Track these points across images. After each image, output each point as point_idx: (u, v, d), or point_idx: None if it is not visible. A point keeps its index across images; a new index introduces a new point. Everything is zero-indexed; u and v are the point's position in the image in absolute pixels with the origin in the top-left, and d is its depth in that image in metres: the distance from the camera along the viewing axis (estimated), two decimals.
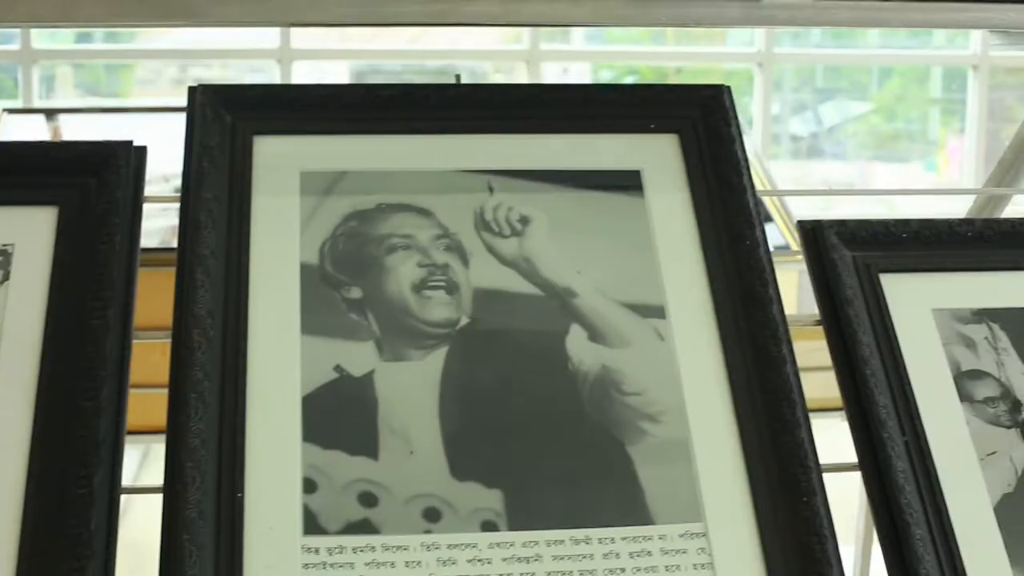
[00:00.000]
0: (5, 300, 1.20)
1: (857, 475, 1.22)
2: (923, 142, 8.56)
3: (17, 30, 5.48)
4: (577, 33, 6.23)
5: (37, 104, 5.57)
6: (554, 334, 1.23)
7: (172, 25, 1.46)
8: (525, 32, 5.78)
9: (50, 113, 4.89)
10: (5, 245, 1.23)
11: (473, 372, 1.20)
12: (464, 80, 1.42)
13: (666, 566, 1.12)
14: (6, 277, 1.22)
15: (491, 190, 1.30)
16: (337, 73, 7.59)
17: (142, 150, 1.29)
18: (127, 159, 1.27)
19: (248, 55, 6.69)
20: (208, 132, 1.29)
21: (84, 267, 1.21)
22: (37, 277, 1.21)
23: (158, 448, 1.19)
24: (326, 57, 7.00)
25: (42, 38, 5.63)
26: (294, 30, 5.56)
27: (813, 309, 1.31)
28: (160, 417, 1.14)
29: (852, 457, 1.22)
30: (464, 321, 1.22)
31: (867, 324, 1.27)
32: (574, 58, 7.04)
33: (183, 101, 1.32)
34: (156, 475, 1.15)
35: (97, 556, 1.07)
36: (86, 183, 1.26)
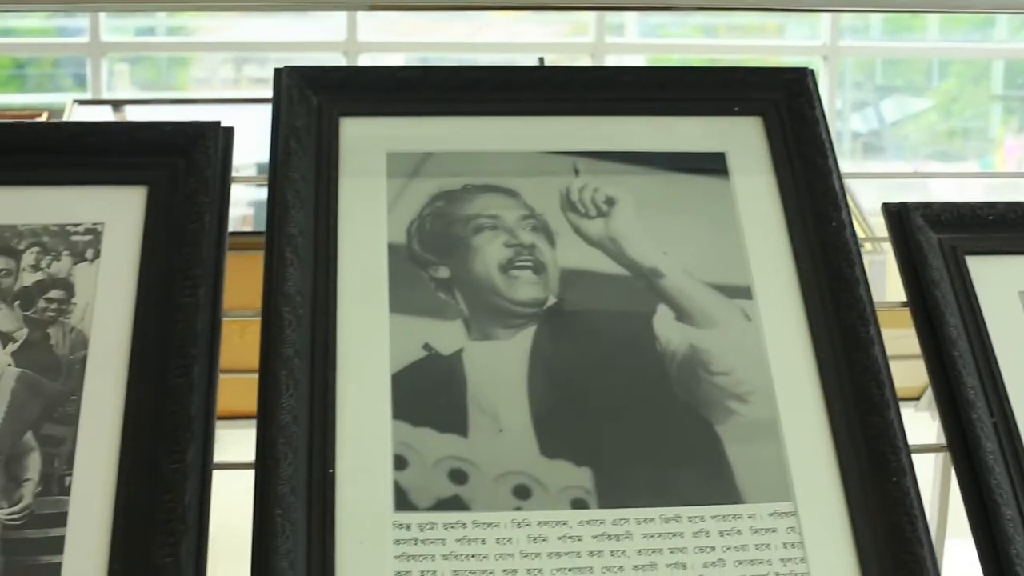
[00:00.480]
0: (96, 278, 1.21)
1: (928, 459, 1.21)
2: (981, 140, 8.50)
3: (87, 23, 5.53)
4: (631, 27, 6.22)
5: (105, 95, 5.61)
6: (641, 314, 1.23)
7: (251, 8, 1.47)
8: (591, 24, 5.77)
9: (117, 104, 4.92)
10: (95, 224, 1.24)
11: (561, 351, 1.20)
12: None
13: (756, 544, 1.12)
14: (96, 255, 1.23)
15: (576, 171, 1.31)
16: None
17: (229, 131, 1.30)
18: (215, 140, 1.28)
19: (315, 48, 6.70)
20: (295, 113, 1.29)
21: (174, 246, 1.21)
22: (127, 255, 1.22)
23: (225, 434, 1.20)
24: (391, 50, 7.00)
25: (110, 31, 5.66)
26: (360, 23, 5.58)
27: (882, 297, 1.30)
28: (233, 402, 1.14)
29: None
30: (551, 301, 1.23)
31: (954, 306, 1.26)
32: (635, 51, 7.02)
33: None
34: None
35: (190, 531, 1.08)
36: (174, 163, 1.27)
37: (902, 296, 1.29)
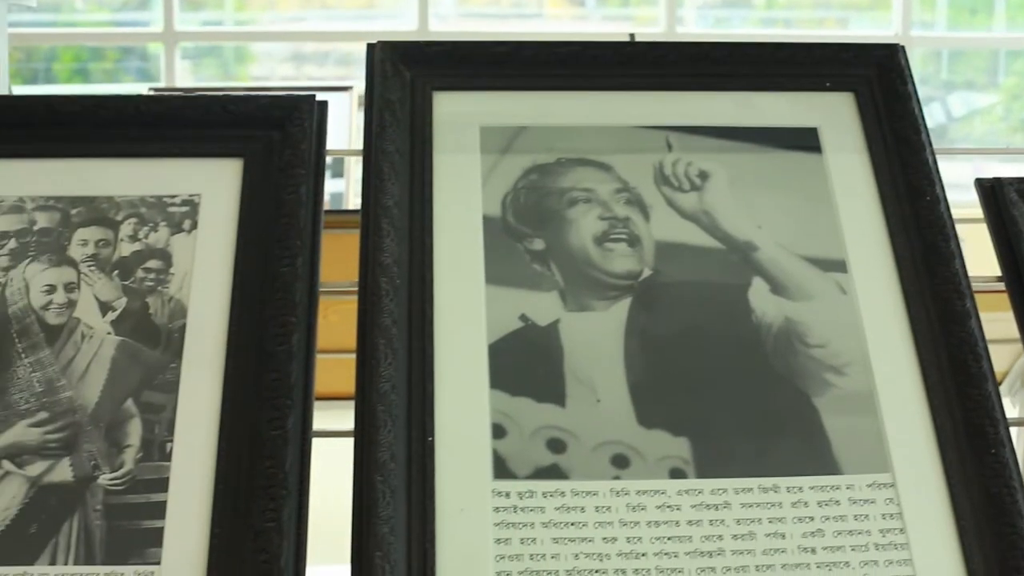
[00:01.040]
0: (193, 248, 1.22)
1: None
2: None
3: (150, 16, 5.55)
4: (690, 22, 6.20)
5: (179, 84, 5.64)
6: (736, 286, 1.22)
7: None
8: (661, 16, 5.76)
9: (190, 93, 4.93)
10: (192, 195, 1.25)
11: (657, 323, 1.20)
12: None
13: (855, 515, 1.11)
14: (194, 226, 1.23)
15: (669, 146, 1.31)
16: None
17: (324, 105, 1.31)
18: (310, 113, 1.29)
19: (384, 36, 6.69)
20: (389, 87, 1.30)
21: (270, 217, 1.22)
22: (223, 226, 1.23)
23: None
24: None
25: (184, 21, 5.69)
26: (432, 17, 5.58)
27: None
28: (318, 382, 1.15)
29: None
30: (647, 273, 1.23)
31: None
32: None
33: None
34: None
35: (291, 496, 1.08)
36: (270, 136, 1.27)
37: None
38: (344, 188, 3.96)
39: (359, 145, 1.31)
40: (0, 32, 1.67)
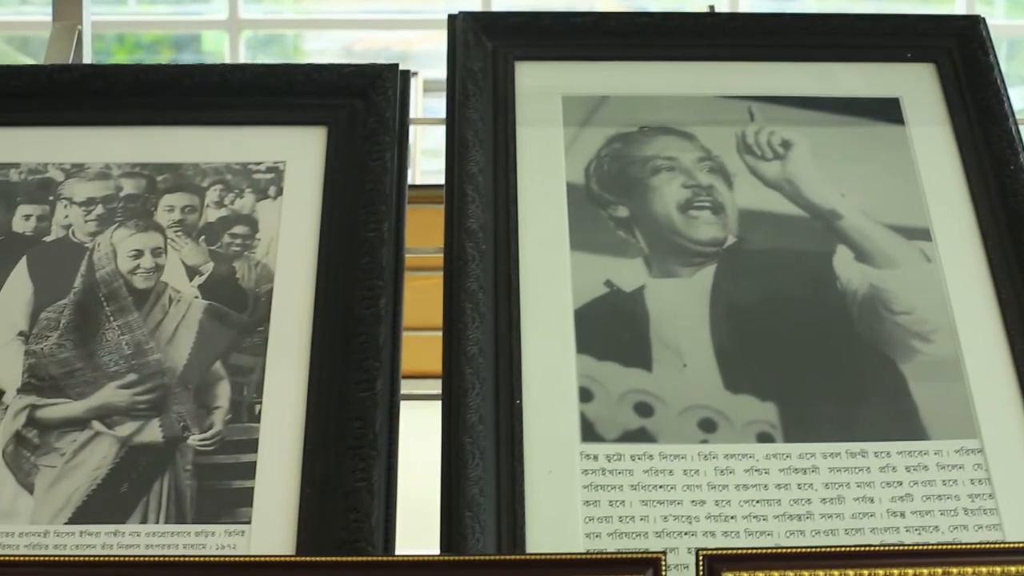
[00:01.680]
0: (279, 214, 1.23)
1: None
2: None
3: (220, 3, 5.57)
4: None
5: None
6: (821, 254, 1.22)
7: None
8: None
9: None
10: (276, 163, 1.26)
11: (741, 289, 1.20)
12: None
13: (943, 480, 1.11)
14: (279, 192, 1.24)
15: (751, 116, 1.31)
16: None
17: (406, 74, 1.31)
18: (393, 81, 1.29)
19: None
20: (471, 57, 1.30)
21: (356, 183, 1.23)
22: (309, 193, 1.24)
23: None
24: None
25: (248, 9, 5.69)
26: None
27: None
28: None
29: None
30: (731, 240, 1.23)
31: None
32: None
33: None
34: None
35: (381, 456, 1.09)
36: (353, 105, 1.28)
37: None
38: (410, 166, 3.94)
39: (426, 129, 1.32)
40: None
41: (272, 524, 1.06)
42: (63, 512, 1.08)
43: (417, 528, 1.20)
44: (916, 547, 1.00)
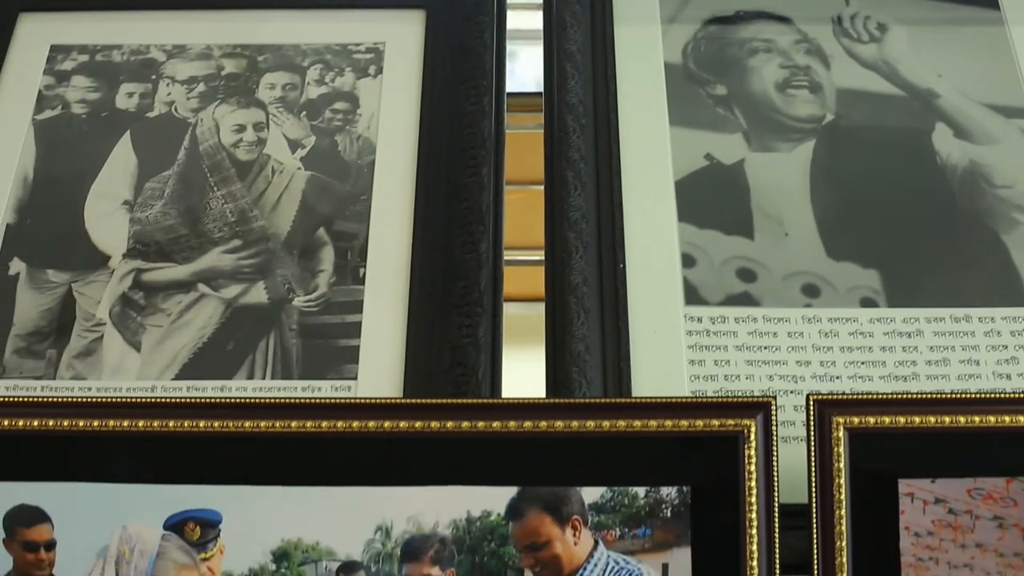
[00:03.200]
0: (380, 91, 1.24)
1: None
2: None
3: None
4: None
5: None
6: (920, 131, 1.23)
7: None
8: None
9: None
10: (376, 43, 1.27)
11: (841, 163, 1.20)
12: None
13: None
14: (379, 71, 1.25)
15: (847, 0, 1.31)
16: None
17: None
18: None
19: None
20: None
21: (456, 60, 1.24)
22: (408, 71, 1.25)
23: None
24: None
25: None
26: None
27: None
28: None
29: None
30: (829, 118, 1.23)
31: None
32: None
33: None
34: None
35: (487, 314, 1.09)
36: None
37: None
38: None
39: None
40: None
41: (378, 380, 1.07)
42: (170, 369, 1.08)
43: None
44: None
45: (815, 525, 0.94)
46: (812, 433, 0.95)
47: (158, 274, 1.13)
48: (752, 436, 0.94)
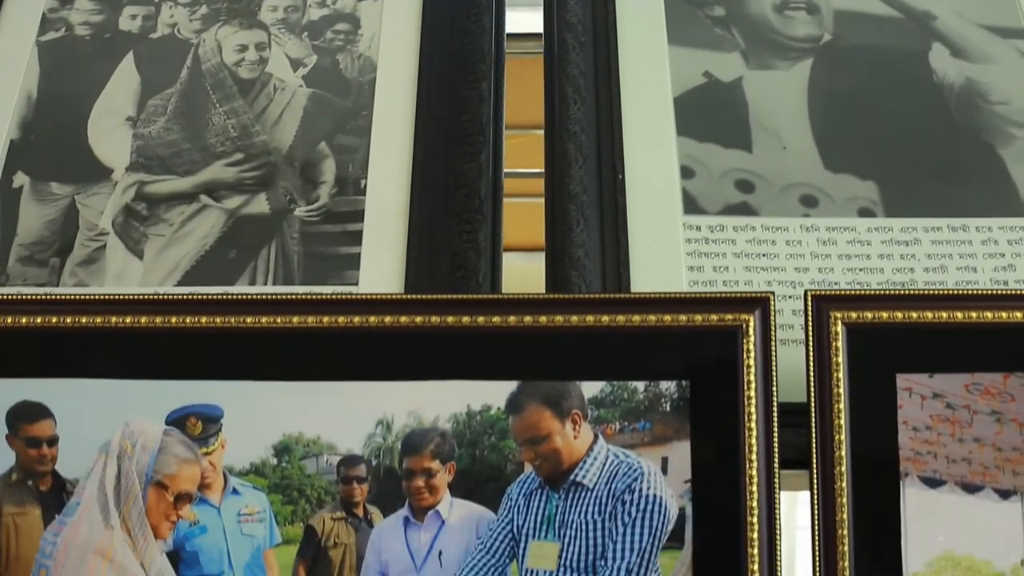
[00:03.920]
0: (381, 12, 1.25)
1: None
2: None
3: None
4: None
5: None
6: (917, 51, 1.23)
7: None
8: None
9: None
10: None
11: (839, 81, 1.21)
12: None
13: None
14: None
15: None
16: None
17: None
18: None
19: None
20: None
21: None
22: None
23: None
24: None
25: None
26: None
27: None
28: None
29: None
30: (827, 37, 1.24)
31: None
32: None
33: None
34: None
35: (487, 222, 1.10)
36: None
37: None
38: None
39: None
40: None
41: (379, 285, 1.08)
42: (172, 275, 1.09)
43: None
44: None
45: (814, 419, 0.94)
46: (811, 329, 0.95)
47: (161, 186, 1.14)
48: (751, 330, 0.95)
